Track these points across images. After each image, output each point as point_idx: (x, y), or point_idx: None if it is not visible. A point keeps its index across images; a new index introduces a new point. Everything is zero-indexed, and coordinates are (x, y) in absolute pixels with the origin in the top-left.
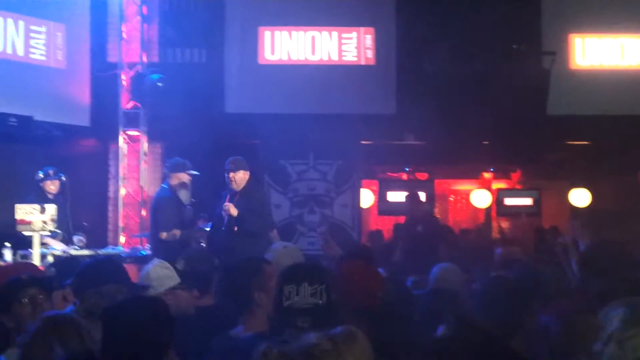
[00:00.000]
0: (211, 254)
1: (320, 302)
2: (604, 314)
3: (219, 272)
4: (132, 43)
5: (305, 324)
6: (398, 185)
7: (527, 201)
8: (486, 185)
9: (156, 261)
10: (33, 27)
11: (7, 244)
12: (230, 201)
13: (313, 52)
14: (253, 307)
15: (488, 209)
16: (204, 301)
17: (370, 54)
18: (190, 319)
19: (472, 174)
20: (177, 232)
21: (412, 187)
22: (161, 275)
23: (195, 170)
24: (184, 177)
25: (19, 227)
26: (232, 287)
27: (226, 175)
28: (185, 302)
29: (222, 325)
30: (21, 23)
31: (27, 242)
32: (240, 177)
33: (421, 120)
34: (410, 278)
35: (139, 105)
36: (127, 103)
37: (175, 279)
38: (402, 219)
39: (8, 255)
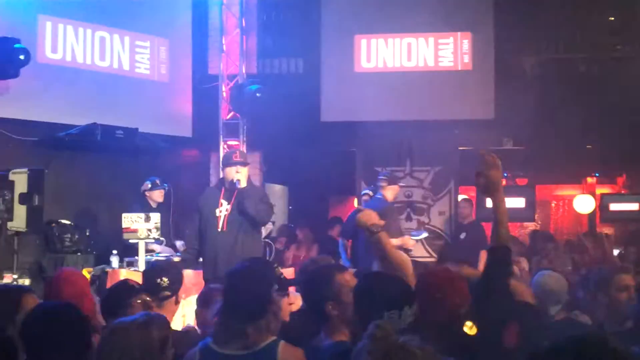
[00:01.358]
0: None
1: (412, 319)
2: None
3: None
4: (232, 55)
5: None
6: None
7: (634, 206)
8: (590, 191)
9: None
10: (138, 42)
11: (114, 251)
12: (225, 199)
13: (409, 59)
14: (327, 316)
15: (592, 215)
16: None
17: (467, 58)
18: (286, 325)
19: (575, 179)
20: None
21: (511, 193)
22: None
23: (291, 177)
24: (397, 188)
25: (125, 235)
26: (305, 296)
27: (231, 169)
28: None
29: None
30: (127, 39)
31: (133, 250)
32: (246, 173)
33: (520, 124)
34: None
35: (238, 115)
36: (227, 114)
37: None
38: None
39: (115, 262)
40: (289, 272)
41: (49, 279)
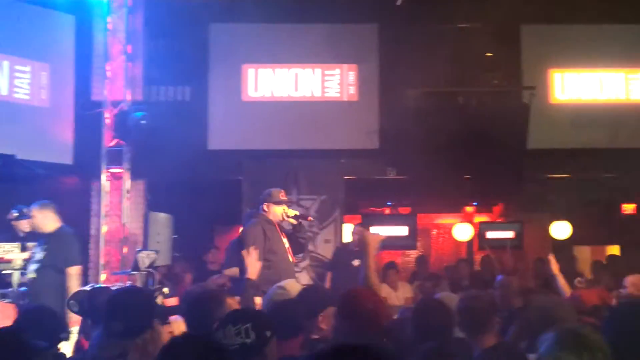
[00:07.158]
0: None
1: (248, 340)
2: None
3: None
4: (116, 81)
5: None
6: (381, 220)
7: (509, 234)
8: (468, 219)
9: None
10: (18, 67)
11: None
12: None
13: (296, 89)
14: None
15: (470, 242)
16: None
17: (353, 90)
18: None
19: (454, 208)
20: None
21: (395, 222)
22: None
23: (176, 206)
24: None
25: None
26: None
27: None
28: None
29: None
30: (5, 63)
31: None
32: None
33: (403, 155)
34: None
35: (122, 142)
36: (110, 141)
37: None
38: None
39: None
40: (172, 302)
41: None
